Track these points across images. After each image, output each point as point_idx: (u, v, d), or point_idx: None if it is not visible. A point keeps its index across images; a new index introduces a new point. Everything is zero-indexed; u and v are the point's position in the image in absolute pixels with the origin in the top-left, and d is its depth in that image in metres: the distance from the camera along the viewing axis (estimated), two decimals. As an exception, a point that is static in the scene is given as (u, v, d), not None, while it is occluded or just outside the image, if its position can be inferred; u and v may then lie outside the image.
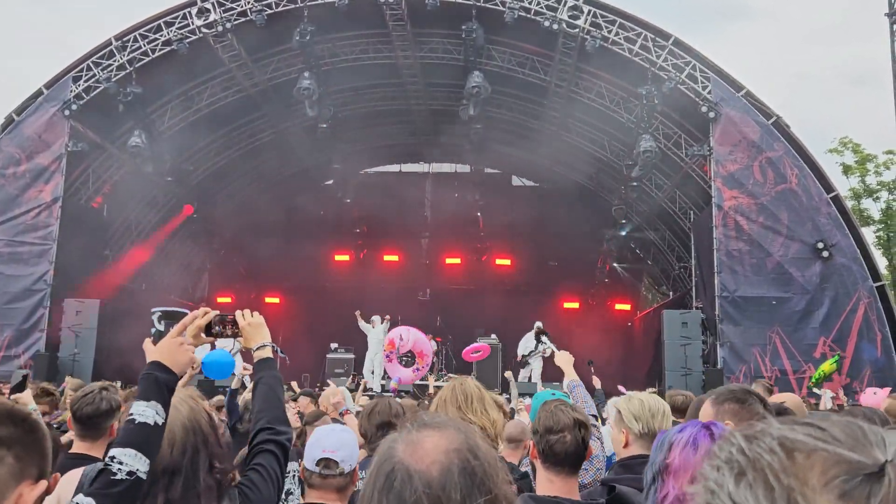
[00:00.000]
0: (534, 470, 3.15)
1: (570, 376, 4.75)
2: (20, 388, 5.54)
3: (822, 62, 70.86)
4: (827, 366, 14.83)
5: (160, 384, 2.22)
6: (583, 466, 3.31)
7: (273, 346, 2.74)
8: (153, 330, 2.62)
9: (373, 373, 17.71)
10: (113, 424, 3.39)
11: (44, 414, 4.79)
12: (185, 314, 2.55)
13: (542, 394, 4.25)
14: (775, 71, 63.69)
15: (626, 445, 3.18)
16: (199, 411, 2.32)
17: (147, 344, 2.41)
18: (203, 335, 2.57)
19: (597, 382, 10.19)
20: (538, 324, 18.12)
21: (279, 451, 2.45)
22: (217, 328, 2.64)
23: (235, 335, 2.70)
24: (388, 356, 15.38)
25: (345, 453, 3.21)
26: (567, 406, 3.09)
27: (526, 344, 18.35)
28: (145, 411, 2.14)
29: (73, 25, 68.72)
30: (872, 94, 65.91)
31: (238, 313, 2.73)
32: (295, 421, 6.10)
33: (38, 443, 1.46)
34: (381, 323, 18.64)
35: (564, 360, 5.03)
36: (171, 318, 2.88)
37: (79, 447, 3.36)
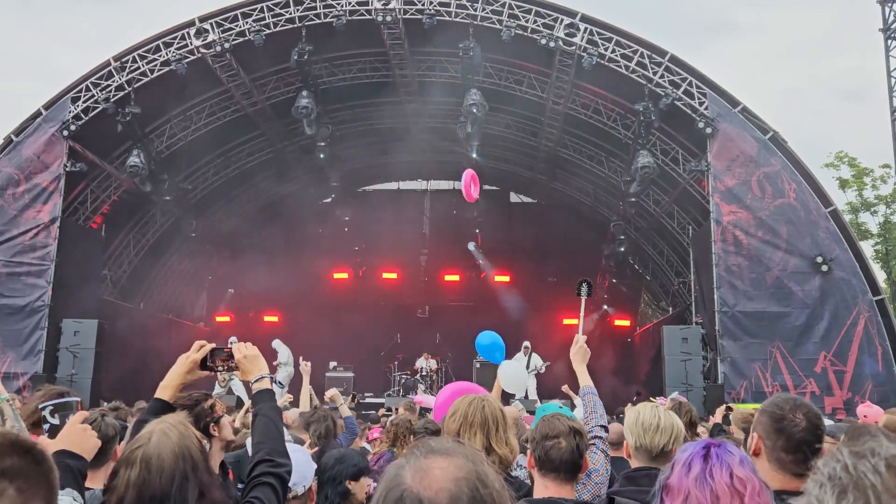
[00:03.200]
0: (532, 480, 3.16)
1: (584, 381, 4.26)
2: None
3: (811, 77, 71.31)
4: None
5: (73, 471, 2.24)
6: (580, 481, 3.29)
7: (271, 378, 2.71)
8: (46, 426, 2.65)
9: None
10: (116, 449, 3.38)
11: None
12: (77, 402, 2.53)
13: (548, 405, 4.16)
14: (764, 86, 64.06)
15: (629, 457, 3.20)
16: (190, 437, 2.27)
17: (44, 441, 2.38)
18: (198, 369, 2.54)
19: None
20: (526, 343, 18.47)
21: (278, 483, 2.42)
22: (213, 362, 2.61)
23: (231, 368, 2.67)
24: None
25: (297, 476, 3.21)
26: (564, 416, 3.13)
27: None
28: (63, 499, 2.13)
29: (63, 46, 69.01)
30: (862, 109, 66.25)
31: (234, 346, 2.69)
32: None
33: (44, 475, 1.39)
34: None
35: (578, 355, 4.39)
36: (63, 410, 2.91)
37: None
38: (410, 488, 1.23)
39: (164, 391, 2.62)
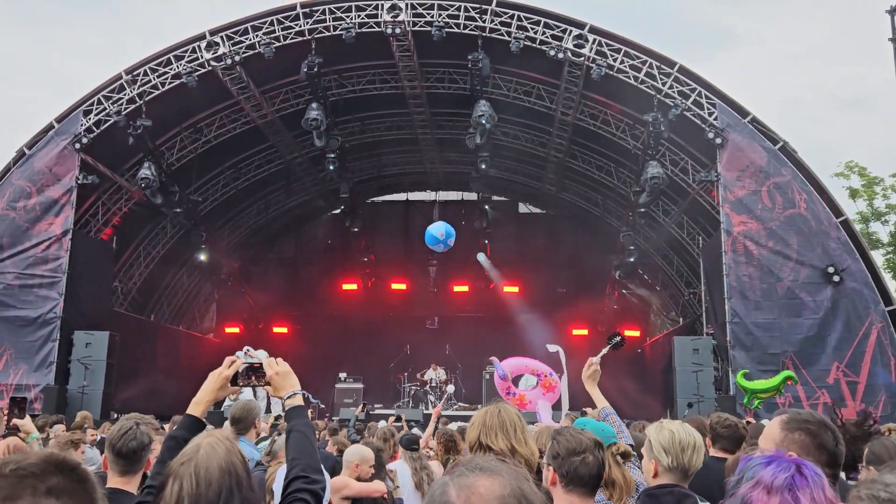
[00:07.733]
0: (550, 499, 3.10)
1: (601, 403, 4.29)
2: (20, 409, 5.36)
3: (811, 86, 70.85)
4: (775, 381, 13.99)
5: None
6: (631, 495, 3.27)
7: (304, 394, 2.72)
8: None
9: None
10: (149, 458, 3.44)
11: None
12: None
13: (588, 421, 4.10)
14: (764, 96, 63.64)
15: (654, 475, 3.14)
16: (235, 453, 2.28)
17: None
18: (229, 384, 2.56)
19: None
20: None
21: (313, 499, 2.43)
22: (246, 379, 2.63)
23: (262, 384, 2.69)
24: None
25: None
26: (582, 430, 3.09)
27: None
28: None
29: (65, 54, 69.41)
30: (865, 118, 65.74)
31: (265, 362, 2.71)
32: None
33: (88, 493, 1.41)
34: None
35: (590, 378, 4.38)
36: None
37: (115, 482, 3.37)
38: None
39: (197, 407, 2.64)
